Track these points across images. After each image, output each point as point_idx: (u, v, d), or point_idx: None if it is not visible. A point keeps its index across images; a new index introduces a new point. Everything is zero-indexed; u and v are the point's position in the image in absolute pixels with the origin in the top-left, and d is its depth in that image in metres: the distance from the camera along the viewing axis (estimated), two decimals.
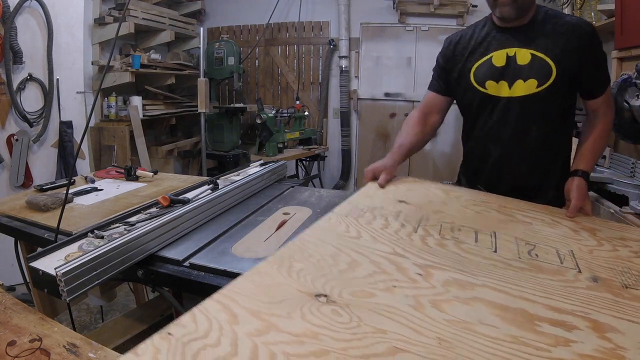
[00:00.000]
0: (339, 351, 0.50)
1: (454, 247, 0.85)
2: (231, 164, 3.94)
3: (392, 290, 0.66)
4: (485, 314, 0.62)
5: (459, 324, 0.59)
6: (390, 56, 4.31)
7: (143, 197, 1.60)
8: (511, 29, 1.30)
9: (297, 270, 0.69)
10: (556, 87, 1.25)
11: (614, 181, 1.63)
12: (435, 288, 0.68)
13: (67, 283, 0.88)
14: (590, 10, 2.89)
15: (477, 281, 0.72)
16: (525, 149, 1.34)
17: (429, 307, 0.62)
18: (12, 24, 2.62)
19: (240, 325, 0.53)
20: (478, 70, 1.33)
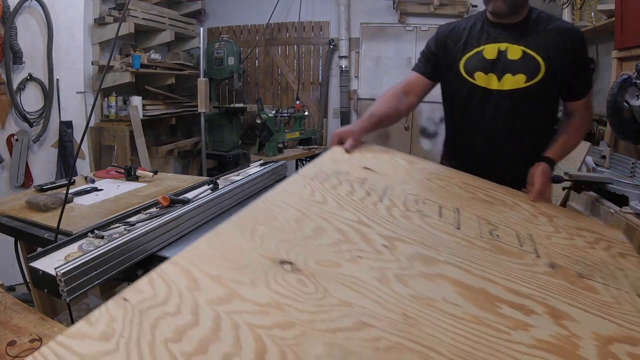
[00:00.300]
0: (304, 323, 0.48)
1: (418, 221, 0.84)
2: (231, 164, 3.94)
3: (357, 261, 0.64)
4: (448, 291, 0.62)
5: (424, 300, 0.59)
6: (390, 56, 4.31)
7: (143, 197, 1.60)
8: (504, 25, 1.33)
9: (260, 234, 0.65)
10: (544, 85, 1.29)
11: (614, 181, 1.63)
12: (400, 262, 0.67)
13: (67, 283, 0.88)
14: (590, 10, 2.89)
15: (441, 257, 0.72)
16: (513, 143, 1.38)
17: (395, 282, 0.61)
18: (12, 24, 2.62)
19: (202, 292, 0.50)
20: (468, 61, 1.36)
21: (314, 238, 0.68)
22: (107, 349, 0.40)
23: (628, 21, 2.10)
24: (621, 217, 1.46)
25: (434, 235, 0.80)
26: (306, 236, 0.68)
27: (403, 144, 4.33)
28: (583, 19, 3.06)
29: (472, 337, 0.53)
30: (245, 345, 0.43)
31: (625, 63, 2.19)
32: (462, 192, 1.08)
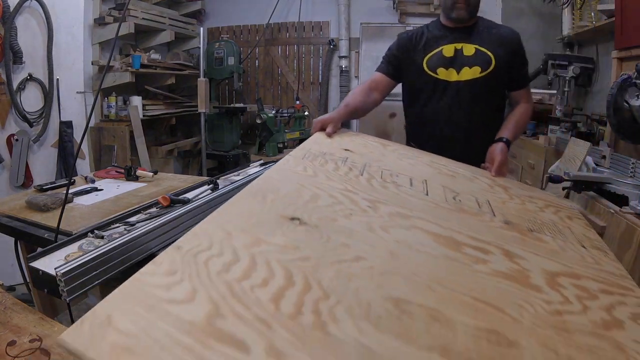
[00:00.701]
0: (316, 258, 0.64)
1: (394, 189, 1.01)
2: (231, 164, 3.94)
3: (349, 217, 0.80)
4: (423, 238, 0.79)
5: (404, 243, 0.75)
6: None
7: (143, 197, 1.60)
8: (459, 28, 1.60)
9: (270, 200, 0.80)
10: (495, 75, 1.56)
11: (614, 181, 1.63)
12: (383, 218, 0.83)
13: (67, 283, 0.88)
14: (590, 10, 2.89)
15: (414, 215, 0.88)
16: (471, 127, 1.60)
17: (380, 231, 0.77)
18: (12, 24, 2.62)
19: (235, 240, 0.63)
20: (430, 60, 1.61)
21: (312, 202, 0.83)
22: (175, 280, 0.52)
23: (628, 21, 2.10)
24: (621, 217, 1.46)
25: (408, 200, 0.97)
26: (306, 201, 0.83)
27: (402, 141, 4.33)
28: (583, 19, 3.06)
29: (443, 267, 0.70)
30: (276, 272, 0.58)
31: (625, 63, 2.19)
32: (428, 169, 1.26)
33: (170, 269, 0.54)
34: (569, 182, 1.68)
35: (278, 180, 0.93)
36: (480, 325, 0.58)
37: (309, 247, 0.67)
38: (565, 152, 2.11)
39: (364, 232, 0.75)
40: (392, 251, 0.71)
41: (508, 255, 0.80)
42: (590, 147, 1.91)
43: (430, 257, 0.73)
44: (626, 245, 1.39)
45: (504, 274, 0.73)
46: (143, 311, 0.47)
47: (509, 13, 3.97)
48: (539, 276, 0.75)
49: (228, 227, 0.67)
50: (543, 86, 3.59)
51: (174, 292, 0.51)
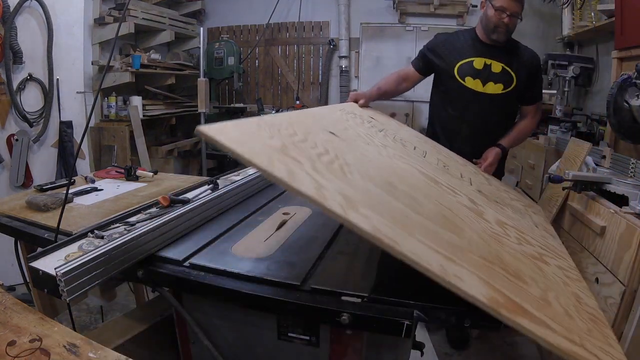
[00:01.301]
0: (343, 149, 1.01)
1: (401, 147, 1.41)
2: (231, 164, 3.93)
3: (366, 144, 1.18)
4: (414, 171, 1.16)
5: (400, 167, 1.14)
6: (390, 56, 4.30)
7: (143, 197, 1.59)
8: (491, 45, 1.86)
9: (318, 120, 1.22)
10: (513, 93, 1.86)
11: (614, 181, 1.63)
12: (389, 153, 1.23)
13: (67, 283, 0.88)
14: (590, 10, 2.89)
15: (411, 161, 1.27)
16: (487, 132, 1.92)
17: (386, 157, 1.18)
18: (12, 24, 2.62)
19: (298, 131, 0.96)
20: (461, 67, 1.87)
21: (343, 130, 1.22)
22: (266, 134, 0.82)
23: (628, 21, 2.10)
24: (621, 217, 1.46)
25: (409, 153, 1.37)
26: (339, 129, 1.20)
27: None
28: (583, 19, 3.06)
29: (423, 183, 1.10)
30: (319, 145, 0.90)
31: (625, 63, 2.19)
32: (430, 147, 1.67)
33: (267, 133, 0.84)
34: (569, 182, 1.68)
35: (322, 117, 1.34)
36: (437, 209, 0.93)
37: (338, 145, 1.02)
38: (565, 152, 2.11)
39: (375, 153, 1.13)
40: (391, 165, 1.11)
41: (473, 202, 1.15)
42: (590, 147, 1.91)
43: (415, 176, 1.12)
44: (626, 245, 1.39)
45: (466, 206, 1.08)
46: (248, 130, 0.82)
47: None
48: (491, 218, 1.09)
49: (293, 127, 0.98)
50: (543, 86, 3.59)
51: (264, 136, 0.81)
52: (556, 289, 0.97)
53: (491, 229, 1.00)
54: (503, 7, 1.73)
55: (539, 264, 1.02)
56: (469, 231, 0.91)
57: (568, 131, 2.64)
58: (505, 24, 1.76)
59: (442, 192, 1.09)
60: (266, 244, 1.17)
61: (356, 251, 1.14)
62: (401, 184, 0.95)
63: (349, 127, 1.28)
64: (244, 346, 1.08)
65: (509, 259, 0.92)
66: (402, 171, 1.07)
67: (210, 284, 0.99)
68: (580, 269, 1.71)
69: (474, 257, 0.81)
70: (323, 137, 1.00)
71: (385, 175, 0.95)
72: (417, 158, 1.33)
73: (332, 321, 0.90)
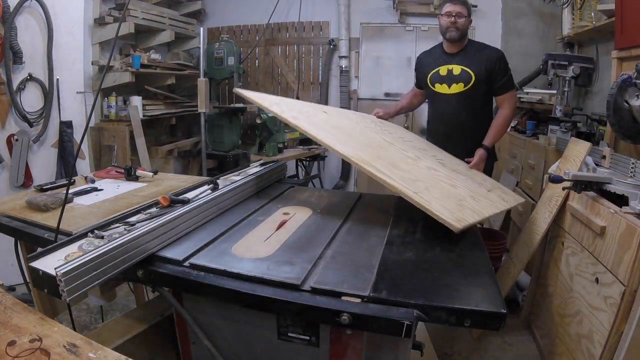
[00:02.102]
0: (347, 132, 1.70)
1: (402, 144, 1.87)
2: (231, 164, 3.94)
3: (371, 131, 1.83)
4: (376, 137, 1.80)
5: (374, 135, 1.84)
6: (390, 56, 4.30)
7: (143, 197, 1.60)
8: (452, 53, 2.25)
9: (332, 116, 1.89)
10: (474, 88, 2.19)
11: (614, 181, 1.63)
12: (389, 140, 1.81)
13: (67, 283, 0.88)
14: (591, 10, 2.89)
15: (383, 135, 1.85)
16: (460, 126, 2.25)
17: (392, 143, 1.79)
18: (12, 24, 2.61)
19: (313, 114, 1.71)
20: (432, 77, 2.30)
21: (335, 112, 1.95)
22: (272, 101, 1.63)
23: (628, 21, 2.10)
24: (621, 217, 1.46)
25: (411, 147, 1.87)
26: (332, 112, 1.91)
27: None
28: (583, 19, 3.06)
29: (377, 142, 1.72)
30: (312, 110, 1.74)
31: (625, 63, 2.18)
32: (427, 148, 2.10)
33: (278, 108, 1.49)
34: (569, 182, 1.68)
35: (343, 117, 1.93)
36: (370, 144, 1.61)
37: (322, 114, 1.61)
38: (565, 152, 2.11)
39: (349, 125, 1.75)
40: (357, 130, 1.78)
41: (417, 157, 1.73)
42: (590, 147, 1.91)
43: (373, 137, 1.74)
44: (626, 245, 1.39)
45: (408, 155, 1.64)
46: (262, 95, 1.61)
47: (509, 13, 3.97)
48: (425, 163, 1.66)
49: (298, 105, 1.67)
50: (543, 86, 3.59)
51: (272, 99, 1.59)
52: (436, 185, 1.44)
53: (414, 162, 1.64)
54: (448, 11, 2.18)
55: (439, 179, 1.55)
56: (385, 153, 1.57)
57: (568, 131, 2.64)
58: (453, 23, 2.15)
59: (389, 145, 1.71)
60: (266, 244, 1.17)
61: (356, 251, 1.14)
62: (354, 135, 1.63)
63: (342, 113, 1.74)
64: (244, 346, 1.09)
65: (402, 164, 1.49)
66: (360, 134, 1.72)
67: (210, 284, 0.99)
68: (580, 269, 1.71)
69: (369, 150, 1.50)
70: (314, 110, 1.59)
71: (346, 130, 1.65)
72: (393, 138, 1.90)
73: (332, 321, 0.90)
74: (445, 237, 1.26)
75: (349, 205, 1.53)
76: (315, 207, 1.49)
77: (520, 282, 2.58)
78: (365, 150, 1.50)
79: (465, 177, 1.83)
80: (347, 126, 1.84)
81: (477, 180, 1.88)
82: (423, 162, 1.74)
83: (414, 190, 1.28)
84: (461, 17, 2.15)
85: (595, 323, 1.52)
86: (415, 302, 0.88)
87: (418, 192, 1.29)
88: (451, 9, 2.17)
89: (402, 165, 1.53)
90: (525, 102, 3.48)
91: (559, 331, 1.83)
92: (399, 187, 1.26)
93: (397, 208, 1.53)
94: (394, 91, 4.28)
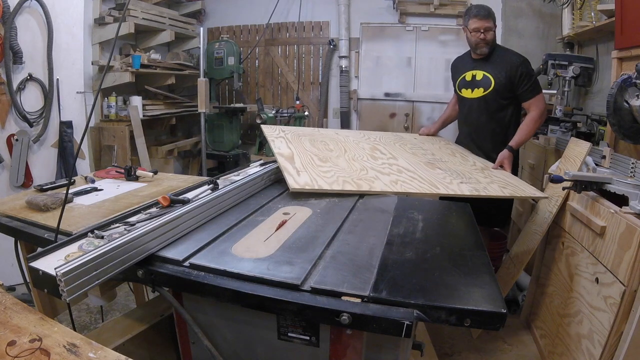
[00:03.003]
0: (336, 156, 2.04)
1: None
2: (231, 164, 3.94)
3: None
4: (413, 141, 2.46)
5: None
6: (390, 56, 4.30)
7: (143, 197, 1.60)
8: (477, 59, 2.36)
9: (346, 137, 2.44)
10: (494, 93, 2.28)
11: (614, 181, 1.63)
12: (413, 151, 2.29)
13: (67, 283, 0.88)
14: (591, 10, 2.89)
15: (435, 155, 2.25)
16: (480, 128, 2.40)
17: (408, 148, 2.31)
18: (12, 24, 2.61)
19: (303, 144, 2.12)
20: (459, 82, 2.45)
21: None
22: (280, 135, 2.19)
23: (628, 21, 2.10)
24: (621, 217, 1.46)
25: (433, 154, 2.27)
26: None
27: None
28: (583, 19, 3.06)
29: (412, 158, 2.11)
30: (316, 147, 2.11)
31: (625, 63, 2.18)
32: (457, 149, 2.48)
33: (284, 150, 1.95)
34: (569, 182, 1.68)
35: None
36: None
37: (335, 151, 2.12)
38: (565, 152, 2.11)
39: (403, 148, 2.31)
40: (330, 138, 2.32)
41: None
42: (590, 147, 1.91)
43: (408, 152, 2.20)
44: (626, 245, 1.39)
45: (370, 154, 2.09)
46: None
47: (508, 13, 3.97)
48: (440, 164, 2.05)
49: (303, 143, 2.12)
50: (543, 86, 3.58)
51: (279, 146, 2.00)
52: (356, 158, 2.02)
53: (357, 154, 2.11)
54: (477, 27, 2.19)
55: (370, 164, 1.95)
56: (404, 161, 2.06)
57: (568, 131, 2.64)
58: (483, 39, 2.21)
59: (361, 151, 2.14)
60: (266, 244, 1.17)
61: (356, 251, 1.14)
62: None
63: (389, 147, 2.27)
64: (244, 346, 1.09)
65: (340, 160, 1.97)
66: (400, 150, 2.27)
67: (210, 284, 0.99)
68: (580, 269, 1.71)
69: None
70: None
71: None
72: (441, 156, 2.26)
73: (332, 321, 0.90)
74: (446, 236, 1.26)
75: (349, 205, 1.53)
76: (315, 207, 1.49)
77: (520, 282, 2.58)
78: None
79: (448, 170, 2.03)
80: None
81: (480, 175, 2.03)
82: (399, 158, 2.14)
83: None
84: (489, 30, 2.17)
85: (595, 323, 1.52)
86: (415, 302, 0.88)
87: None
88: (479, 24, 2.16)
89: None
90: None
91: (559, 331, 1.83)
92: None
93: (397, 208, 1.53)
94: (394, 91, 4.28)
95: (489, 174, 2.01)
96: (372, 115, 4.46)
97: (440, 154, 2.29)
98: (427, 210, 1.53)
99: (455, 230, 1.39)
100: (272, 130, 2.30)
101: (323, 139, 2.28)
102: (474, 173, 2.00)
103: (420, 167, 1.99)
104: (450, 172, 1.95)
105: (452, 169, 2.01)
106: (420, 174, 1.87)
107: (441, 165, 2.06)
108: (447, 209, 1.64)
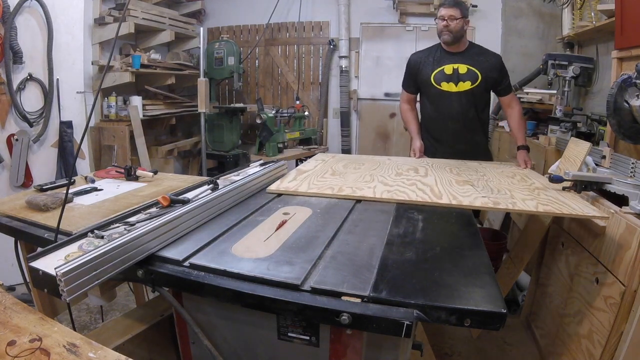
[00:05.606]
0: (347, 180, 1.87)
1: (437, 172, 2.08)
2: (231, 164, 3.94)
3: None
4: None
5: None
6: (390, 56, 4.31)
7: (143, 197, 1.60)
8: (455, 52, 2.33)
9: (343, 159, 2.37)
10: (481, 87, 2.30)
11: (614, 181, 1.63)
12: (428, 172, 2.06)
13: (67, 283, 0.88)
14: (591, 10, 2.89)
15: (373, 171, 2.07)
16: (467, 122, 2.36)
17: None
18: (12, 24, 2.62)
19: (317, 173, 1.99)
20: (436, 76, 2.34)
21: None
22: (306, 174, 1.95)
23: (628, 21, 2.10)
24: (621, 217, 1.46)
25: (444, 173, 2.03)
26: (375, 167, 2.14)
27: (402, 143, 4.34)
28: (583, 19, 3.06)
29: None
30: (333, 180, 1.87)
31: (625, 63, 2.18)
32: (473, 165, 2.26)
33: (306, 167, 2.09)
34: (569, 182, 1.68)
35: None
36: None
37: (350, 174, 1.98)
38: (565, 152, 2.11)
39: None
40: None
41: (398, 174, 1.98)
42: (590, 147, 1.91)
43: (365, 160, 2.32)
44: (626, 245, 1.39)
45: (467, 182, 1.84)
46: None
47: (508, 13, 3.97)
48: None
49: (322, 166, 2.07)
50: (543, 86, 3.59)
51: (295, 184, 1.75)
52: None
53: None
54: (442, 15, 2.26)
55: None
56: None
57: (568, 131, 2.64)
58: (445, 26, 2.25)
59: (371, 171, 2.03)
60: (266, 244, 1.17)
61: (356, 251, 1.14)
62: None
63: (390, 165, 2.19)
64: (244, 346, 1.09)
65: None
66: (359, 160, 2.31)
67: (210, 284, 0.99)
68: (580, 269, 1.71)
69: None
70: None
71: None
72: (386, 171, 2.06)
73: (332, 321, 0.89)
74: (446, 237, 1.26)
75: (349, 205, 1.53)
76: (315, 207, 1.49)
77: (520, 282, 2.58)
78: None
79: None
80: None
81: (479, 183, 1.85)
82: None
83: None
84: (453, 19, 2.22)
85: (595, 323, 1.52)
86: (415, 302, 0.88)
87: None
88: (443, 12, 2.25)
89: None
90: (525, 102, 3.48)
91: (559, 331, 1.83)
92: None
93: (397, 208, 1.53)
94: (394, 91, 4.28)
95: (540, 193, 1.63)
96: (372, 115, 4.46)
97: (493, 174, 1.99)
98: (427, 210, 1.53)
99: (455, 230, 1.39)
100: (326, 157, 2.43)
101: (364, 162, 2.23)
102: (517, 190, 1.67)
103: (445, 183, 1.79)
104: (482, 188, 1.70)
105: (490, 186, 1.74)
106: (434, 188, 1.70)
107: (479, 183, 1.79)
108: (447, 209, 1.64)
